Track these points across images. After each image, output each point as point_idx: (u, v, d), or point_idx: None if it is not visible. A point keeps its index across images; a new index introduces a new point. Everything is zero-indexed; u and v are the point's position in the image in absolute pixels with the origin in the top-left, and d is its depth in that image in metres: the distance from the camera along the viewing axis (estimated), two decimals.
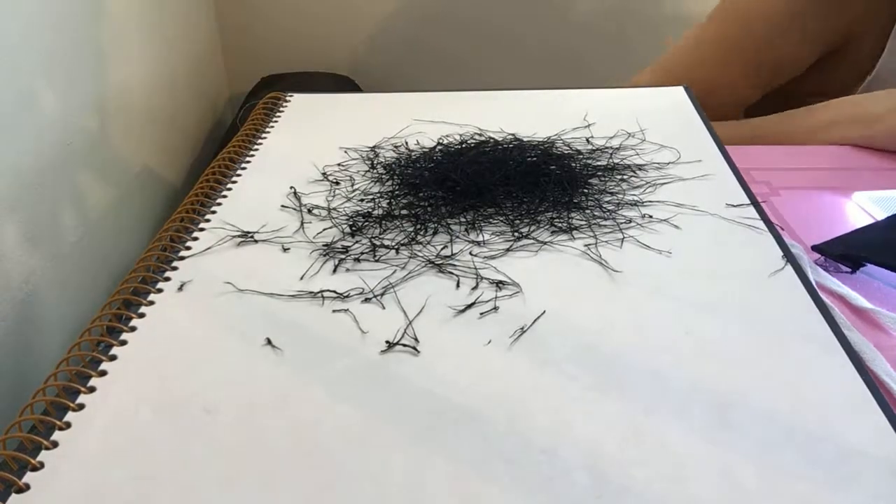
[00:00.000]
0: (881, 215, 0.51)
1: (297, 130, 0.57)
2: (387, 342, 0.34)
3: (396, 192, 0.47)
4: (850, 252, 0.43)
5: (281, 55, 1.05)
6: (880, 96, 0.61)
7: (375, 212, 0.45)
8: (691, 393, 0.31)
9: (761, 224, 0.43)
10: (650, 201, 0.45)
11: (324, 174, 0.49)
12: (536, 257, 0.40)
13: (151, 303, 0.37)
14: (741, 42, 0.73)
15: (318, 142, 0.54)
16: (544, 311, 0.36)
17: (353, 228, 0.43)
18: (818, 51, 0.71)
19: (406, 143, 0.53)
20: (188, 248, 0.42)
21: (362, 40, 1.06)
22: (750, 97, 0.75)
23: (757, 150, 0.61)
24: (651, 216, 0.44)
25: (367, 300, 0.37)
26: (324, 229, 0.43)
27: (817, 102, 0.66)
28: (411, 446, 0.29)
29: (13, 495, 0.27)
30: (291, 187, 0.48)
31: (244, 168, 0.51)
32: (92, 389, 0.32)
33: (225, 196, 0.47)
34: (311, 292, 0.38)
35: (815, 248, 0.44)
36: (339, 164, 0.51)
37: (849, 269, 0.42)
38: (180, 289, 0.38)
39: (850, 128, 0.60)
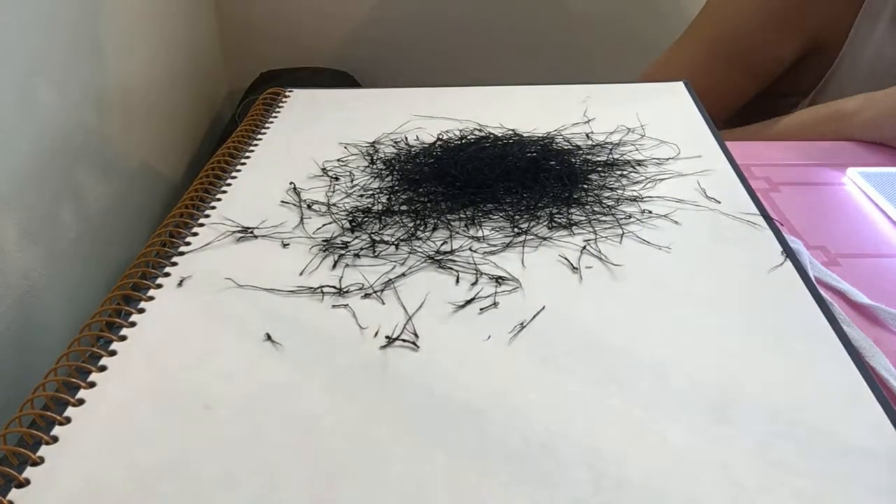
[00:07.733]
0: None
1: (296, 126, 0.57)
2: (386, 337, 0.34)
3: (396, 188, 0.47)
4: None
5: (280, 51, 1.04)
6: (850, 98, 0.64)
7: (375, 207, 0.45)
8: (690, 388, 0.31)
9: (761, 220, 0.43)
10: (650, 197, 0.45)
11: (323, 170, 0.49)
12: (536, 253, 0.40)
13: (151, 298, 0.37)
14: (722, 46, 0.76)
15: (317, 137, 0.54)
16: (544, 307, 0.36)
17: (353, 224, 0.43)
18: (796, 51, 0.75)
19: (406, 138, 0.53)
20: (188, 244, 0.42)
21: (361, 36, 1.05)
22: (736, 100, 0.78)
23: (757, 146, 0.61)
24: (651, 212, 0.44)
25: (366, 296, 0.37)
26: (323, 225, 0.43)
27: (792, 100, 0.72)
28: (411, 441, 0.29)
29: (13, 490, 0.27)
30: (291, 183, 0.48)
31: (244, 163, 0.51)
32: (92, 385, 0.32)
33: (224, 191, 0.47)
34: (310, 288, 0.38)
35: None
36: (338, 160, 0.51)
37: None
38: (180, 284, 0.38)
39: (827, 126, 0.64)
